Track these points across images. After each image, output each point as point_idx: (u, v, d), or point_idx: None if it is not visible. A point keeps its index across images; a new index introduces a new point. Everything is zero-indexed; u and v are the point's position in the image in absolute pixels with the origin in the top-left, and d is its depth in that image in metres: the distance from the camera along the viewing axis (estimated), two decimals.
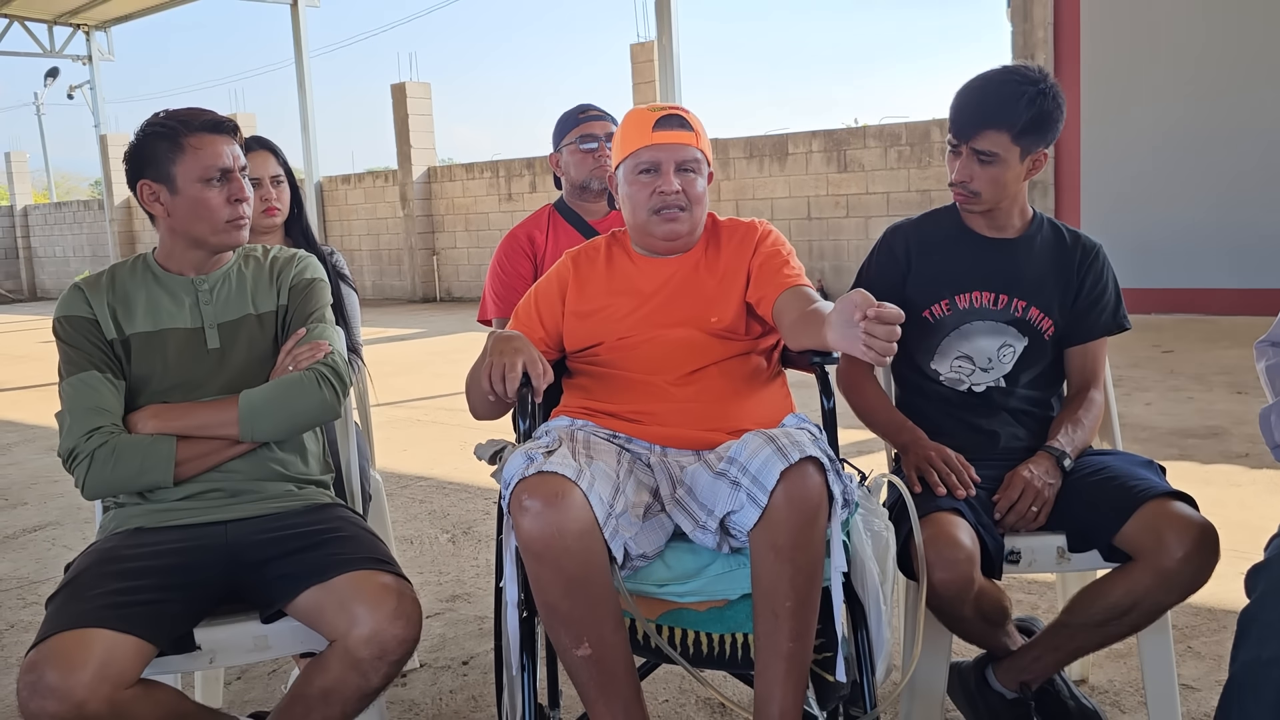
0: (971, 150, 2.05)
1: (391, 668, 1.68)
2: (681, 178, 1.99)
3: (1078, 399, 2.16)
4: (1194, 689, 2.33)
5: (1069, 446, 2.05)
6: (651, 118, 2.00)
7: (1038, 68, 2.08)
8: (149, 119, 1.92)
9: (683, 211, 2.00)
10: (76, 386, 1.85)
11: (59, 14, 18.00)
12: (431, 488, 4.58)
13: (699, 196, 2.02)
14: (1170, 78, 8.59)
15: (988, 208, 2.12)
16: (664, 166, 1.98)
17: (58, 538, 4.11)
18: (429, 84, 15.17)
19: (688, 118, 2.02)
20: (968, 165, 2.07)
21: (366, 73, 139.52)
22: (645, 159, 1.99)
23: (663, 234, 2.02)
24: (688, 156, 2.00)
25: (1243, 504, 3.65)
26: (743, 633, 1.73)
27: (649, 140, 1.99)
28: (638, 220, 2.04)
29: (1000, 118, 2.02)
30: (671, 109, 2.02)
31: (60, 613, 1.61)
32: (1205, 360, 6.59)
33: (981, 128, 2.03)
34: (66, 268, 21.01)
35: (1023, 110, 2.01)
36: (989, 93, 2.04)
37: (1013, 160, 2.05)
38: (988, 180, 2.07)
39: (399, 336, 10.79)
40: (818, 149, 11.28)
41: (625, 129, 2.04)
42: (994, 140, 2.03)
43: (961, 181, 2.09)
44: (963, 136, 2.06)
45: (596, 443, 1.86)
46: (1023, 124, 2.02)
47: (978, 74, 2.09)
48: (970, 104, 2.05)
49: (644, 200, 2.00)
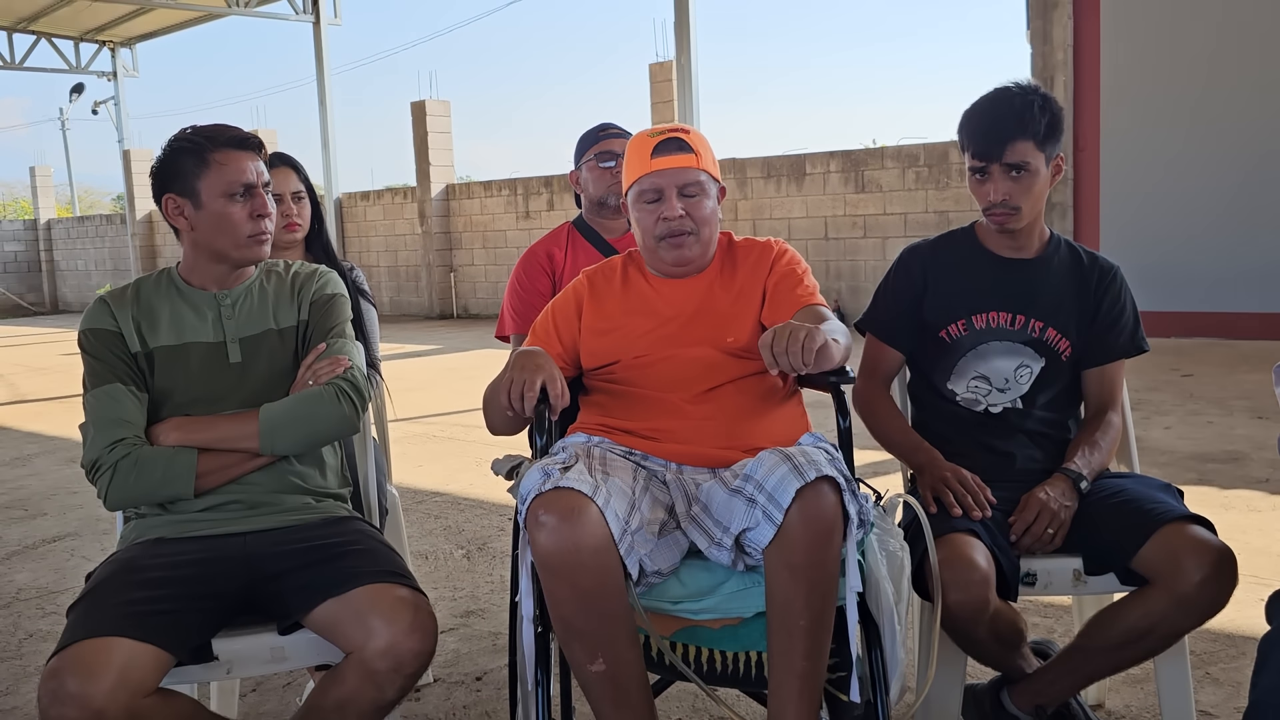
0: (1003, 167, 2.05)
1: (407, 680, 1.68)
2: (685, 202, 1.99)
3: (1095, 421, 2.16)
4: (1212, 715, 2.31)
5: (1086, 469, 2.04)
6: (650, 144, 2.00)
7: (1027, 81, 2.12)
8: (175, 134, 1.95)
9: (689, 235, 2.01)
10: (100, 398, 1.87)
11: (85, 31, 18.24)
12: (447, 503, 4.59)
13: (706, 218, 2.02)
14: (1190, 100, 8.57)
15: (1027, 222, 2.12)
16: (666, 193, 1.99)
17: (77, 548, 4.14)
18: (448, 102, 15.27)
19: (688, 139, 2.01)
20: (1002, 183, 2.06)
21: (387, 90, 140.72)
22: (647, 186, 2.00)
23: (671, 260, 2.03)
24: (689, 180, 2.00)
25: (1263, 530, 3.62)
26: (757, 651, 1.73)
27: (649, 168, 1.99)
28: (647, 246, 2.05)
29: (1024, 128, 2.03)
30: (671, 132, 2.02)
31: (81, 621, 1.62)
32: (1225, 384, 6.55)
33: (1009, 140, 2.04)
34: (88, 281, 21.19)
35: (1039, 116, 2.04)
36: (1004, 107, 2.05)
37: (1040, 168, 2.07)
38: (1025, 193, 2.07)
39: (416, 353, 10.83)
40: (835, 169, 11.29)
41: (629, 156, 2.05)
42: (1023, 150, 2.04)
43: (1002, 200, 2.08)
44: (992, 155, 2.05)
45: (613, 459, 1.87)
46: (1043, 130, 2.04)
47: (975, 101, 2.10)
48: (989, 123, 2.06)
49: (650, 227, 2.01)
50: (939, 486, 2.00)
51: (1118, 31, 8.92)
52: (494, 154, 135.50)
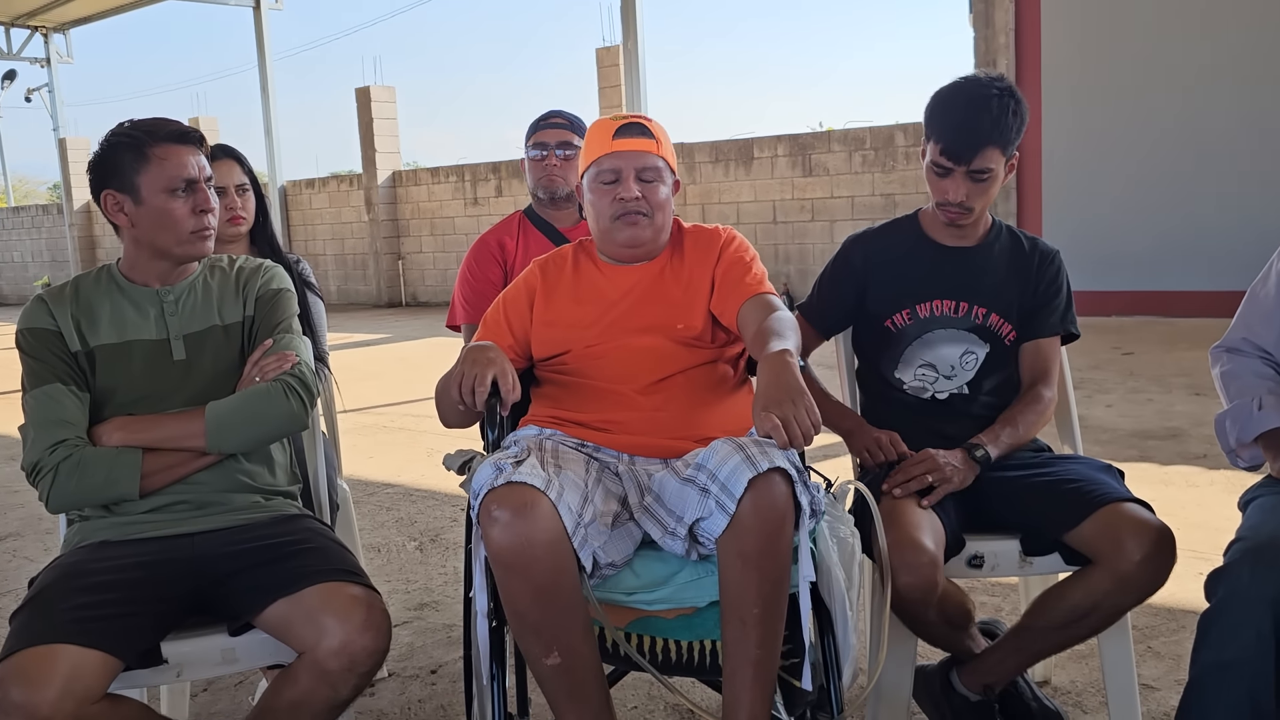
0: (968, 170, 2.05)
1: (361, 679, 1.68)
2: (642, 185, 2.00)
3: (1025, 395, 2.18)
4: (1154, 688, 2.38)
5: (991, 444, 2.06)
6: (612, 126, 2.02)
7: (998, 74, 2.12)
8: (113, 129, 1.91)
9: (644, 217, 2.01)
10: (40, 399, 1.83)
11: (16, 16, 17.74)
12: (398, 495, 4.56)
13: (661, 204, 2.03)
14: (1129, 83, 8.72)
15: (976, 219, 2.15)
16: (624, 174, 2.00)
17: (19, 549, 4.05)
18: (393, 88, 15.10)
19: (650, 126, 2.03)
20: (963, 185, 2.06)
21: (330, 76, 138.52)
22: (606, 167, 2.01)
23: (624, 239, 2.03)
24: (648, 164, 2.01)
25: (1201, 505, 3.72)
26: (711, 640, 1.74)
27: (609, 148, 2.00)
28: (601, 227, 2.05)
29: (997, 137, 2.03)
30: (633, 118, 2.04)
31: (25, 629, 1.59)
32: (1165, 362, 6.70)
33: (981, 148, 2.03)
34: (25, 273, 20.70)
35: (1012, 124, 2.04)
36: (982, 114, 2.02)
37: (1000, 171, 2.08)
38: (981, 195, 2.09)
39: (364, 342, 10.73)
40: (783, 153, 11.34)
41: (589, 139, 2.06)
42: (991, 158, 2.04)
43: (959, 202, 2.09)
44: (962, 160, 2.04)
45: (565, 452, 1.87)
46: (1011, 137, 2.06)
47: (952, 91, 2.08)
48: (966, 128, 2.03)
49: (606, 208, 2.02)
50: (871, 446, 2.07)
51: (1058, 15, 9.05)
52: (441, 140, 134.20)
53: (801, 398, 1.65)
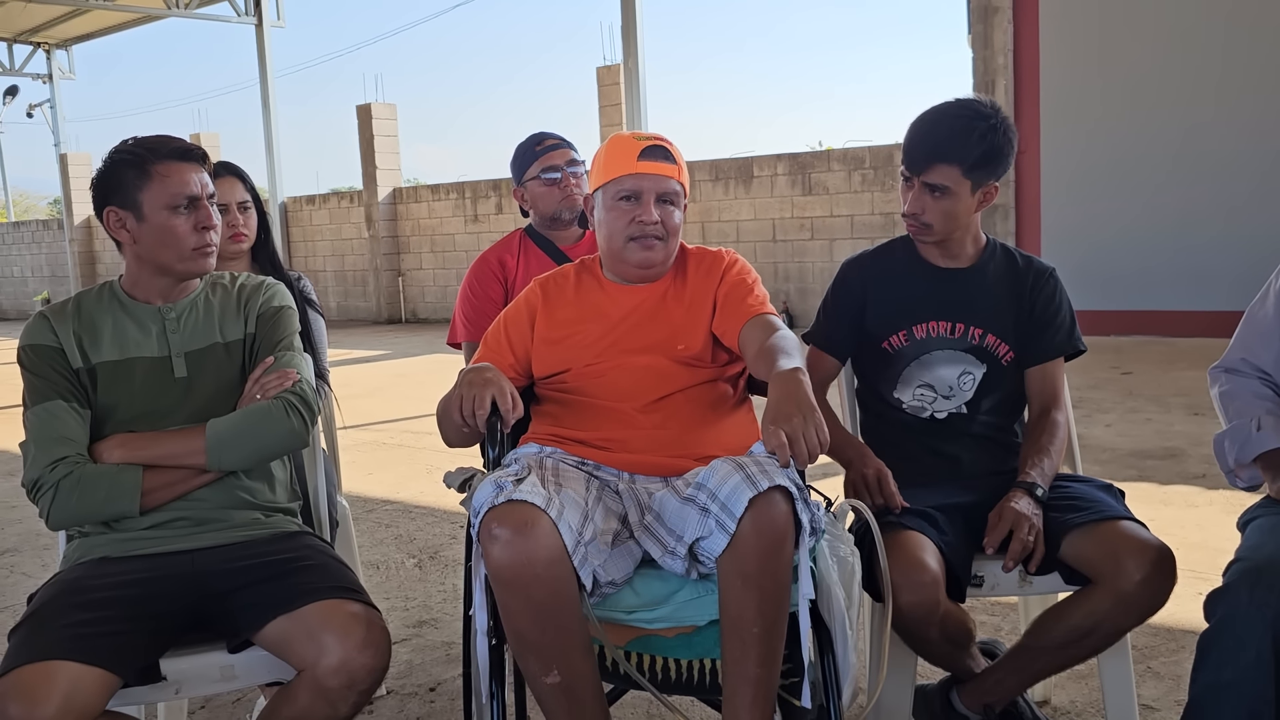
0: (923, 183, 2.09)
1: (360, 697, 1.67)
2: (661, 209, 2.01)
3: (1040, 423, 2.18)
4: (1154, 709, 2.37)
5: (1040, 478, 2.05)
6: (637, 146, 2.01)
7: (990, 101, 2.13)
8: (116, 146, 1.92)
9: (659, 241, 2.02)
10: (41, 416, 1.84)
11: (19, 32, 17.84)
12: (398, 512, 4.55)
13: (675, 229, 2.04)
14: (1129, 104, 8.76)
15: (940, 239, 2.16)
16: (645, 196, 2.00)
17: (16, 565, 4.05)
18: (394, 105, 15.16)
19: (671, 150, 2.04)
20: (920, 198, 2.10)
21: (332, 93, 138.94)
22: (628, 187, 2.00)
23: (637, 261, 2.04)
24: (669, 189, 2.02)
25: (1200, 525, 3.72)
26: (710, 658, 1.74)
27: (633, 169, 2.00)
28: (613, 246, 2.05)
29: (951, 153, 2.05)
30: (656, 140, 2.04)
31: (24, 645, 1.59)
32: (1164, 382, 6.70)
33: (933, 161, 2.06)
34: (25, 288, 20.71)
35: (974, 145, 2.05)
36: (941, 127, 2.08)
37: (964, 194, 2.09)
38: (939, 213, 2.10)
39: (365, 358, 10.73)
40: (782, 172, 11.38)
41: (610, 154, 2.05)
42: (945, 174, 2.06)
43: (914, 214, 2.13)
44: (915, 169, 2.09)
45: (565, 470, 1.87)
46: (974, 159, 2.06)
47: (931, 107, 2.13)
48: (922, 138, 2.09)
49: (622, 227, 2.02)
50: (858, 482, 2.06)
51: (1057, 36, 9.09)
52: (442, 157, 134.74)
53: (812, 414, 1.65)
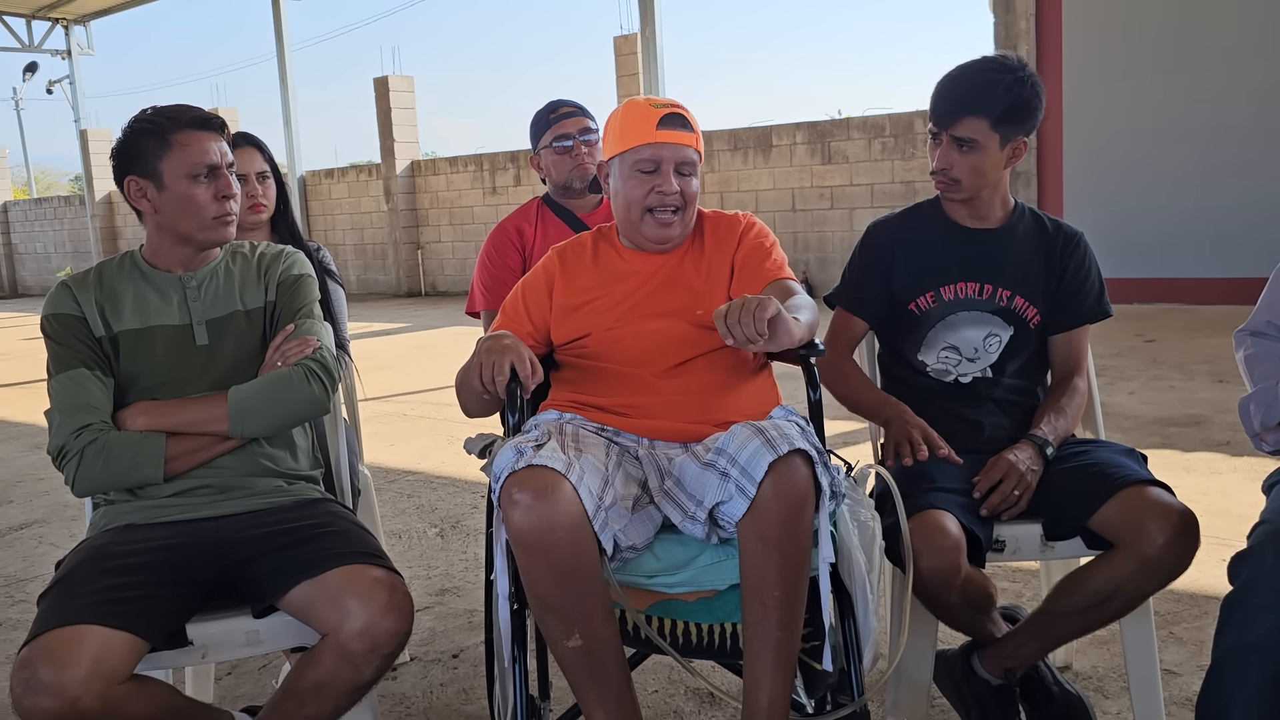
0: (951, 138, 2.07)
1: (384, 660, 1.69)
2: (679, 179, 2.00)
3: (1061, 387, 2.18)
4: (1176, 674, 2.37)
5: (1052, 435, 2.07)
6: (655, 114, 1.98)
7: (1017, 57, 2.12)
8: (136, 115, 1.92)
9: (676, 214, 2.01)
10: (65, 384, 1.85)
11: (37, 8, 17.87)
12: (419, 482, 4.58)
13: (693, 197, 2.03)
14: (1151, 68, 8.64)
15: (968, 196, 2.14)
16: (665, 166, 1.98)
17: (45, 535, 4.10)
18: (412, 77, 15.11)
19: (688, 117, 2.02)
20: (948, 153, 2.09)
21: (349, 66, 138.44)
22: (647, 156, 1.98)
23: (654, 237, 2.03)
24: (688, 158, 2.00)
25: (1224, 492, 3.69)
26: (731, 623, 1.75)
27: (652, 138, 1.97)
28: (631, 217, 2.03)
29: (979, 104, 2.04)
30: (674, 107, 2.01)
31: (52, 610, 1.61)
32: (1187, 349, 6.65)
33: (961, 114, 2.05)
34: (48, 264, 20.86)
35: (1001, 96, 2.04)
36: (968, 80, 2.07)
37: (992, 148, 2.07)
38: (968, 168, 2.09)
39: (385, 331, 10.77)
40: (801, 141, 11.29)
41: (626, 121, 2.01)
42: (973, 127, 2.05)
43: (942, 169, 2.11)
44: (942, 124, 2.08)
45: (585, 436, 1.87)
46: (1001, 110, 2.04)
47: (957, 65, 2.11)
48: (950, 91, 2.08)
49: (640, 198, 2.00)
50: (902, 440, 2.02)
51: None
52: (459, 129, 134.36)
53: (759, 305, 1.66)
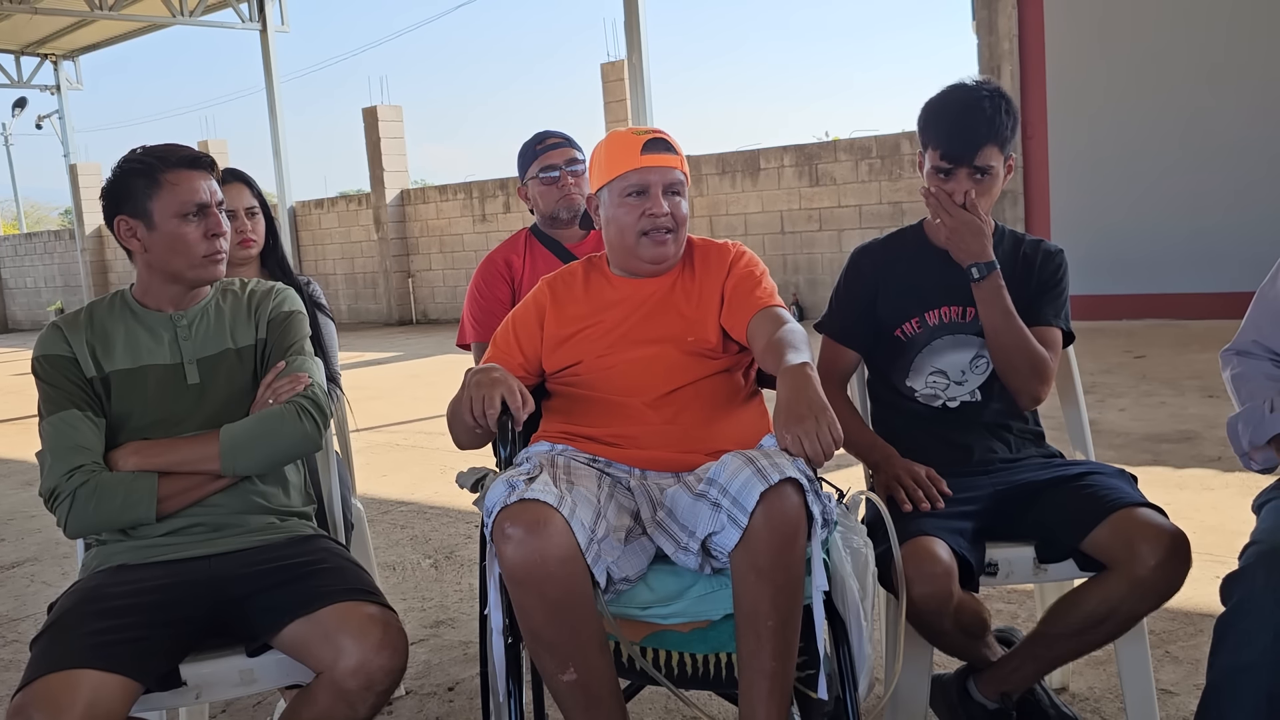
0: (971, 169, 2.09)
1: (379, 698, 1.68)
2: (669, 200, 2.02)
3: None
4: (1172, 693, 2.37)
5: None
6: (638, 141, 2.01)
7: (984, 78, 2.15)
8: (126, 155, 1.93)
9: (669, 234, 2.03)
10: (56, 425, 1.85)
11: (26, 44, 17.93)
12: (412, 513, 4.57)
13: (684, 218, 2.05)
14: (1135, 88, 8.71)
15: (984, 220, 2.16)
16: (653, 189, 2.00)
17: (36, 574, 4.08)
18: (400, 107, 15.18)
19: (672, 142, 2.05)
20: (966, 184, 2.10)
21: (338, 96, 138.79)
22: (634, 181, 2.01)
23: (651, 257, 2.04)
24: (675, 179, 2.03)
25: (1216, 508, 3.70)
26: (726, 652, 1.75)
27: (638, 163, 2.00)
28: (625, 242, 2.05)
29: (993, 133, 2.08)
30: (655, 133, 2.04)
31: (46, 654, 1.60)
32: (1177, 364, 6.67)
33: (981, 145, 2.07)
34: (38, 299, 20.83)
35: (1003, 120, 2.08)
36: (976, 112, 2.08)
37: (1000, 169, 2.12)
38: (985, 193, 2.12)
39: (376, 360, 10.76)
40: (789, 163, 11.36)
41: (611, 151, 2.04)
42: (991, 155, 2.09)
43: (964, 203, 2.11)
44: (963, 159, 2.08)
45: (577, 467, 1.87)
46: (1007, 133, 2.10)
47: (943, 97, 2.13)
48: (966, 124, 2.08)
49: (632, 223, 2.02)
50: (892, 485, 2.04)
51: (1062, 20, 9.05)
52: (449, 157, 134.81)
53: (824, 414, 1.65)
